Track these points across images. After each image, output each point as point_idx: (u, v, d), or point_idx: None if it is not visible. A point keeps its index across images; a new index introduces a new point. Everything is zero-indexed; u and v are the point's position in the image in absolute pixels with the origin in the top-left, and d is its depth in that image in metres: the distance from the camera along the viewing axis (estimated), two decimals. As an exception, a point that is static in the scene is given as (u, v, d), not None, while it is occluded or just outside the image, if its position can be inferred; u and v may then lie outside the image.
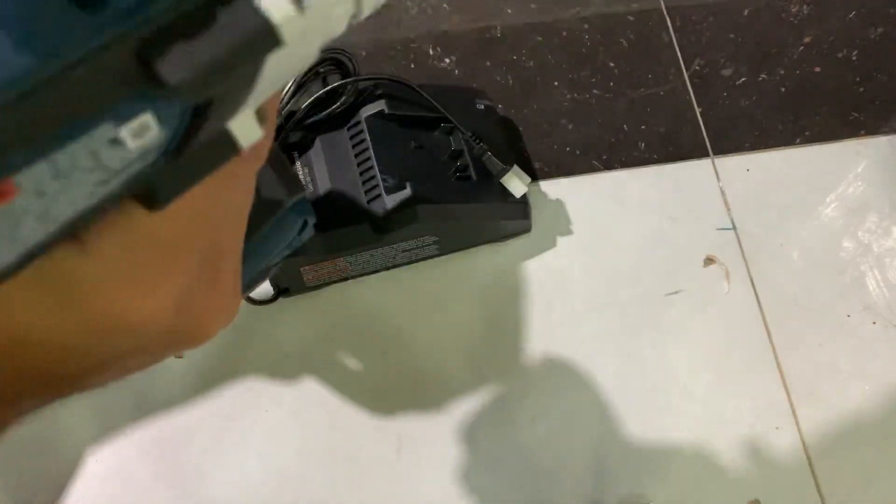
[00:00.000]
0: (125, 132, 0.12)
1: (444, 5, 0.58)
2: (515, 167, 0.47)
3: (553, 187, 0.52)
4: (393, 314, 0.48)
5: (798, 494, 0.45)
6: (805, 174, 0.54)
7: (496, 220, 0.47)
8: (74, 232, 0.14)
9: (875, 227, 0.52)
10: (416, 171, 0.44)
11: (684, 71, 0.57)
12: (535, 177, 0.52)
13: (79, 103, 0.11)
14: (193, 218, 0.16)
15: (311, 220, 0.30)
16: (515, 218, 0.48)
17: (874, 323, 0.50)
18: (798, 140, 0.55)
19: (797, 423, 0.47)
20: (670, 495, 0.45)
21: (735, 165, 0.54)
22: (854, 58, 0.58)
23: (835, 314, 0.50)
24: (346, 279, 0.47)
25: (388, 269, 0.48)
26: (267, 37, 0.13)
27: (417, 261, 0.48)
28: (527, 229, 0.50)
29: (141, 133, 0.12)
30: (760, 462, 0.46)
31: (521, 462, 0.45)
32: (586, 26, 0.58)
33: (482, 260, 0.49)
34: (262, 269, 0.29)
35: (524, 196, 0.47)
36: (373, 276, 0.48)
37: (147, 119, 0.12)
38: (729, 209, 0.52)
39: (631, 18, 0.58)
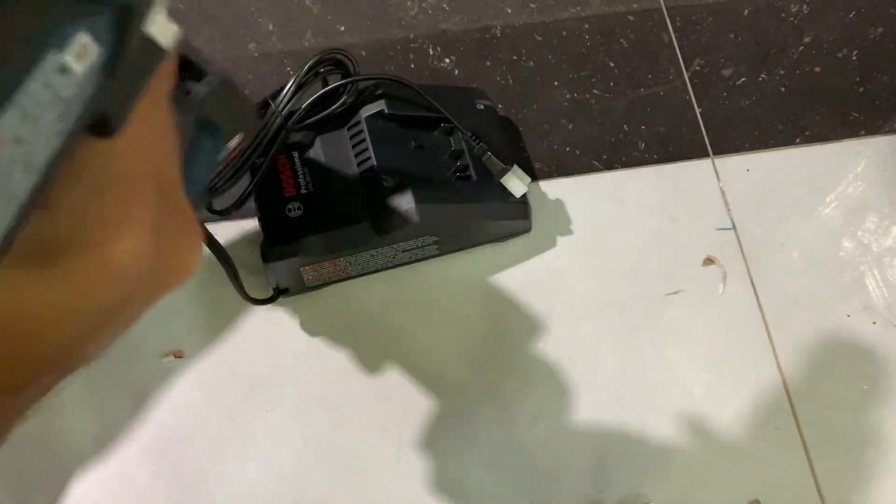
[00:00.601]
0: (69, 57, 0.13)
1: (444, 5, 0.58)
2: (515, 167, 0.47)
3: (553, 187, 0.52)
4: (393, 314, 0.48)
5: (798, 494, 0.45)
6: (805, 174, 0.54)
7: (496, 220, 0.47)
8: (40, 199, 0.14)
9: (875, 227, 0.53)
10: (416, 171, 0.44)
11: (684, 71, 0.57)
12: (535, 177, 0.52)
13: (23, 30, 0.12)
14: (137, 146, 0.17)
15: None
16: (515, 218, 0.48)
17: (874, 323, 0.50)
18: (798, 140, 0.55)
19: (797, 423, 0.47)
20: (670, 495, 0.45)
21: (735, 165, 0.54)
22: (854, 58, 0.58)
23: (834, 314, 0.50)
24: (346, 279, 0.47)
25: (388, 269, 0.48)
26: None
27: (417, 261, 0.48)
28: (527, 229, 0.50)
29: (83, 54, 0.13)
30: (760, 462, 0.46)
31: (521, 462, 0.45)
32: (586, 26, 0.58)
33: (482, 260, 0.49)
34: (199, 192, 0.28)
35: (524, 196, 0.47)
36: (373, 276, 0.48)
37: (85, 40, 0.13)
38: (729, 209, 0.52)
39: (631, 18, 0.58)
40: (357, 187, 0.44)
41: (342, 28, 0.57)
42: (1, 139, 0.12)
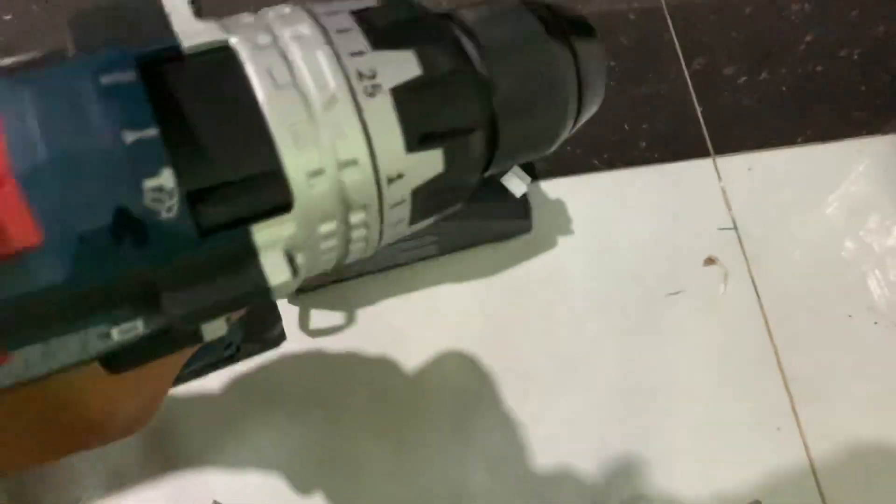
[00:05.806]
0: (116, 331, 0.14)
1: (444, 4, 0.58)
2: (515, 167, 0.46)
3: (553, 187, 0.52)
4: (393, 314, 0.48)
5: (799, 495, 0.45)
6: (807, 173, 0.54)
7: (496, 220, 0.47)
8: None
9: (877, 226, 0.52)
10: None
11: (685, 70, 0.57)
12: (535, 177, 0.52)
13: (87, 312, 0.13)
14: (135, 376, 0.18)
15: (237, 341, 0.32)
16: (515, 218, 0.48)
17: (876, 323, 0.50)
18: (800, 139, 0.55)
19: (798, 424, 0.47)
20: (670, 495, 0.45)
21: (736, 164, 0.54)
22: (856, 56, 0.58)
23: (836, 314, 0.50)
24: (345, 279, 0.47)
25: (387, 269, 0.48)
26: (263, 293, 0.14)
27: (417, 260, 0.48)
28: (527, 229, 0.50)
29: (128, 331, 0.14)
30: (761, 462, 0.46)
31: (522, 462, 0.45)
32: (587, 25, 0.58)
33: (482, 260, 0.49)
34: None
35: (524, 196, 0.47)
36: (373, 275, 0.48)
37: (138, 323, 0.14)
38: (730, 209, 0.52)
39: (632, 17, 0.58)
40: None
41: (342, 27, 0.56)
42: (15, 359, 0.13)
